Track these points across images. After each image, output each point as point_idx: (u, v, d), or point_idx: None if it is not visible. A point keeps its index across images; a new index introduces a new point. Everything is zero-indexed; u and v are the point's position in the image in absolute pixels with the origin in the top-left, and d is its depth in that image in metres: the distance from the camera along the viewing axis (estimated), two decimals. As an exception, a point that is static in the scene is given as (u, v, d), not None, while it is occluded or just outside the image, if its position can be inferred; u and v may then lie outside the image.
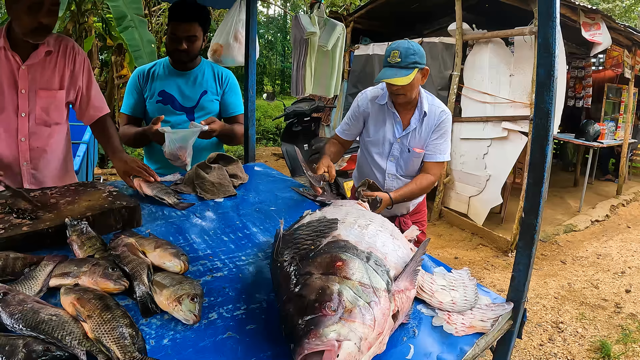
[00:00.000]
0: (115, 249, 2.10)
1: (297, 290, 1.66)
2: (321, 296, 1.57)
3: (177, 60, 4.06)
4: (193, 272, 2.18)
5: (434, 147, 3.87)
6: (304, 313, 1.53)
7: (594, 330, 5.78)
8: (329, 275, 1.68)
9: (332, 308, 1.53)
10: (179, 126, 4.05)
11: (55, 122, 3.34)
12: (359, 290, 1.63)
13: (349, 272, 1.70)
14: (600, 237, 9.31)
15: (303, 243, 1.98)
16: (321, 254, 1.83)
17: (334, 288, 1.61)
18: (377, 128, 3.99)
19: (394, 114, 3.89)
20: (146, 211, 2.94)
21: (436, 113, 3.84)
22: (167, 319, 1.79)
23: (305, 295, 1.60)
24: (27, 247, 2.18)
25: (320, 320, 1.49)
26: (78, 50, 3.35)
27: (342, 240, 1.94)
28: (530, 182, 2.11)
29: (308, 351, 1.42)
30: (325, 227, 2.07)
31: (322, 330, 1.46)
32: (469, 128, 9.14)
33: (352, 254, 1.82)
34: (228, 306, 1.92)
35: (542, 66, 1.99)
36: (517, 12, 8.63)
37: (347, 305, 1.55)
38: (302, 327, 1.49)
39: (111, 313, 1.61)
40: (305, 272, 1.74)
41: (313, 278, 1.68)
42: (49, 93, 3.22)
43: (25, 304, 1.63)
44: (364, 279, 1.69)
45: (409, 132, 3.86)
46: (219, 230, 2.75)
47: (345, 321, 1.51)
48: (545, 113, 1.99)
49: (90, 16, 12.71)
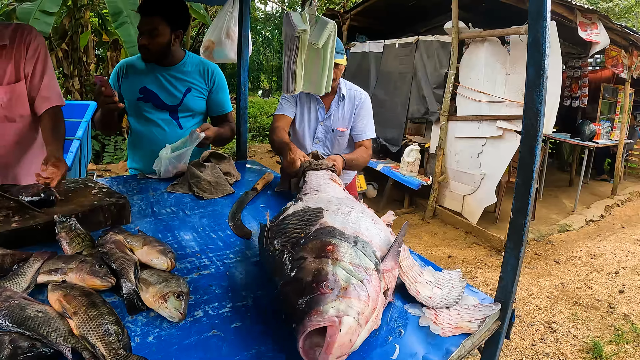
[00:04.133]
0: (103, 245, 2.09)
1: (293, 274, 1.73)
2: (317, 277, 1.65)
3: (143, 57, 3.92)
4: (180, 270, 2.19)
5: (362, 126, 4.38)
6: (302, 294, 1.60)
7: (587, 331, 5.79)
8: (322, 258, 1.76)
9: (329, 287, 1.60)
10: (161, 123, 4.03)
11: (20, 115, 3.29)
12: (351, 270, 1.72)
13: (340, 254, 1.78)
14: (595, 237, 9.33)
15: (292, 231, 2.04)
16: (312, 239, 1.91)
17: (329, 269, 1.68)
18: (302, 113, 4.39)
19: (317, 100, 4.32)
20: (135, 208, 2.94)
21: (355, 96, 4.36)
22: (153, 316, 1.79)
23: (302, 277, 1.67)
24: (16, 243, 2.18)
25: (320, 298, 1.56)
26: (34, 36, 3.26)
27: (329, 227, 2.02)
28: (519, 182, 2.10)
29: (311, 328, 1.47)
30: (311, 216, 2.13)
31: (323, 308, 1.52)
32: (464, 126, 9.17)
33: (341, 238, 1.91)
34: (214, 304, 1.92)
35: (532, 65, 1.98)
36: (514, 11, 8.62)
37: (342, 284, 1.63)
38: (303, 306, 1.55)
39: (97, 310, 1.60)
40: (299, 257, 1.81)
41: (307, 262, 1.76)
42: (7, 88, 3.17)
43: (12, 300, 1.62)
44: (355, 260, 1.78)
45: (330, 114, 4.34)
46: (208, 228, 2.75)
47: (343, 298, 1.58)
48: (535, 113, 1.98)
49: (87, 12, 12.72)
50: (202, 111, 4.18)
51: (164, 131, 4.04)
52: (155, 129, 4.03)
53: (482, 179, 8.85)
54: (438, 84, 9.54)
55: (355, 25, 12.36)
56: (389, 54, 10.98)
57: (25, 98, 3.29)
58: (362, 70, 11.44)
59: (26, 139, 3.39)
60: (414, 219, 9.95)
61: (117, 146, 12.58)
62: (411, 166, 9.86)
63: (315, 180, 3.01)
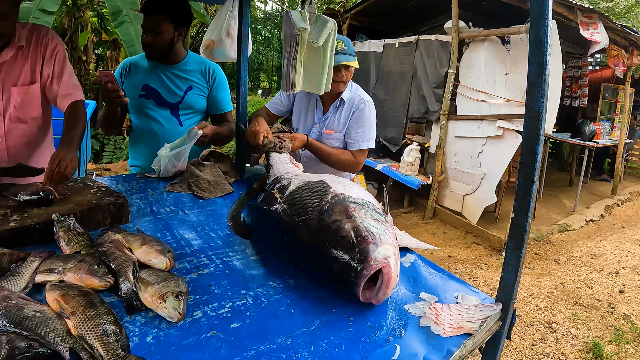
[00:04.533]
0: (101, 245, 2.08)
1: (337, 234, 2.05)
2: (358, 232, 2.01)
3: (147, 55, 3.98)
4: (179, 270, 2.17)
5: (356, 135, 4.03)
6: (353, 247, 1.96)
7: (587, 331, 5.78)
8: (352, 218, 2.10)
9: (371, 238, 1.97)
10: (162, 120, 4.05)
11: (32, 116, 3.29)
12: (376, 223, 2.10)
13: (362, 213, 2.14)
14: (595, 237, 9.32)
15: (311, 202, 2.31)
16: (335, 205, 2.21)
17: (363, 225, 2.05)
18: (299, 113, 4.21)
19: (317, 100, 4.09)
20: (134, 207, 2.93)
21: (355, 101, 4.02)
22: (151, 316, 1.78)
23: (347, 235, 2.01)
24: (14, 242, 2.17)
25: (369, 248, 1.93)
26: (51, 37, 3.26)
27: (340, 194, 2.31)
28: (520, 181, 2.10)
29: (374, 270, 1.87)
30: (321, 188, 2.39)
31: (374, 254, 1.90)
32: (464, 126, 9.15)
33: (355, 201, 2.25)
34: (213, 304, 1.91)
35: (534, 64, 1.97)
36: (514, 11, 8.62)
37: (376, 234, 2.00)
38: (358, 256, 1.92)
39: (95, 310, 1.59)
40: (333, 220, 2.11)
41: (343, 223, 2.08)
42: (21, 89, 3.17)
43: (10, 300, 1.61)
44: (374, 215, 2.17)
45: (327, 117, 4.06)
46: (208, 227, 2.74)
47: (381, 245, 1.96)
48: (536, 112, 1.97)
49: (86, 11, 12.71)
50: (203, 109, 4.22)
51: (165, 128, 4.07)
52: (156, 126, 4.06)
53: (482, 178, 8.84)
54: (438, 83, 9.52)
55: (355, 25, 12.33)
56: (389, 53, 10.95)
57: (39, 100, 3.29)
58: (362, 70, 11.40)
59: (36, 140, 3.39)
60: (414, 218, 9.95)
61: (116, 146, 12.57)
62: (411, 166, 9.85)
63: (282, 166, 3.21)
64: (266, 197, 2.66)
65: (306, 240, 2.22)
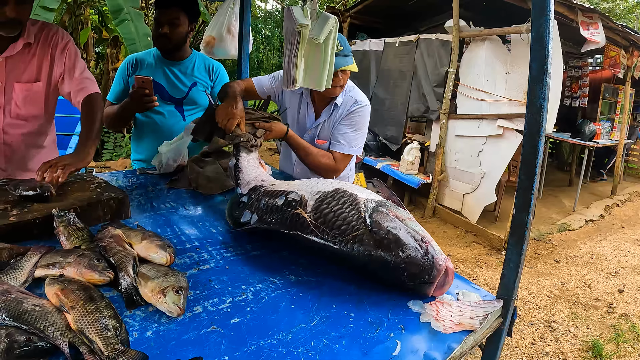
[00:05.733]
0: (101, 240, 2.07)
1: (399, 244, 2.01)
2: (416, 236, 2.04)
3: (161, 47, 4.02)
4: (180, 265, 2.17)
5: (340, 136, 3.72)
6: (418, 252, 1.99)
7: (586, 330, 5.78)
8: (400, 223, 2.10)
9: (425, 239, 2.05)
10: (166, 114, 4.09)
11: (33, 115, 3.27)
12: (413, 222, 2.16)
13: (400, 214, 2.17)
14: (594, 237, 9.33)
15: (349, 215, 2.17)
16: (374, 213, 2.14)
17: (411, 228, 2.08)
18: (291, 116, 3.93)
19: (308, 105, 3.83)
20: (135, 203, 2.93)
21: (349, 104, 3.74)
22: (151, 311, 1.77)
23: (408, 242, 2.01)
24: (14, 237, 2.16)
25: (429, 248, 2.00)
26: (61, 36, 3.24)
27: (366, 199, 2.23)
28: (522, 178, 2.11)
29: (444, 269, 1.97)
30: (348, 197, 2.25)
31: (437, 254, 1.99)
32: (464, 125, 9.14)
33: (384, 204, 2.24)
34: (213, 299, 1.91)
35: (536, 60, 1.97)
36: (514, 10, 8.62)
37: (423, 232, 2.09)
38: (426, 260, 1.98)
39: (95, 304, 1.59)
40: (387, 230, 2.06)
41: (398, 229, 2.06)
42: (24, 86, 3.14)
43: (9, 294, 1.61)
44: (406, 214, 2.22)
45: (319, 123, 3.80)
46: (208, 223, 2.74)
47: (432, 241, 2.06)
48: (538, 108, 1.97)
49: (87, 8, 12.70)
50: (206, 105, 4.15)
51: (169, 122, 4.11)
52: (160, 120, 4.09)
53: (482, 177, 8.83)
54: (438, 82, 9.50)
55: (356, 24, 12.32)
56: (389, 52, 10.94)
57: (42, 99, 3.27)
58: (362, 69, 11.38)
59: (36, 139, 3.37)
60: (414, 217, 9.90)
61: (116, 143, 12.57)
62: (411, 165, 9.84)
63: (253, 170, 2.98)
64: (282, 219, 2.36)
65: (362, 256, 2.08)
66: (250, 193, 2.70)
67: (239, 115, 3.12)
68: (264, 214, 2.46)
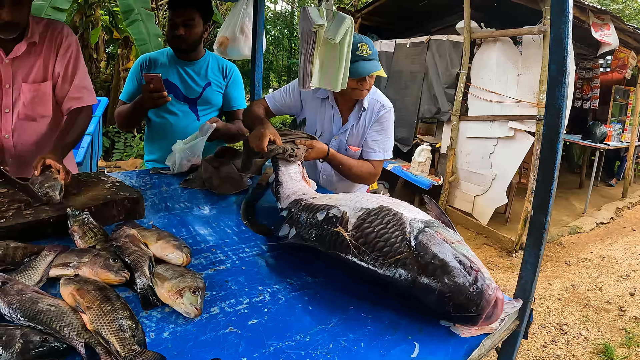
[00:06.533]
0: (116, 240, 2.07)
1: (446, 271, 1.82)
2: (465, 262, 1.85)
3: (176, 48, 4.01)
4: (195, 265, 2.16)
5: (374, 143, 3.69)
6: (466, 280, 1.79)
7: (598, 333, 5.76)
8: (447, 246, 1.90)
9: (475, 265, 1.85)
10: (180, 114, 4.08)
11: (41, 115, 3.26)
12: (462, 245, 1.95)
13: (449, 237, 1.96)
14: (605, 240, 9.30)
15: (393, 236, 2.00)
16: (420, 234, 1.96)
17: (460, 251, 1.89)
18: (313, 123, 3.79)
19: (333, 109, 3.70)
20: (149, 203, 2.92)
21: (375, 108, 3.66)
22: (168, 311, 1.77)
23: (455, 269, 1.82)
24: (28, 236, 2.16)
25: (479, 276, 1.80)
26: (66, 34, 3.22)
27: (412, 219, 2.05)
28: (540, 179, 2.09)
29: (494, 299, 1.76)
30: (391, 215, 2.09)
31: (487, 282, 1.79)
32: (475, 127, 9.12)
33: (432, 223, 2.05)
34: (230, 300, 1.90)
35: (554, 62, 1.96)
36: (523, 11, 8.60)
37: (473, 257, 1.89)
38: (474, 289, 1.76)
39: (111, 305, 1.58)
40: (433, 255, 1.86)
41: (445, 254, 1.86)
42: (32, 86, 3.13)
43: (24, 294, 1.61)
44: (456, 236, 2.02)
45: (347, 128, 3.69)
46: (223, 223, 2.73)
47: (483, 267, 1.87)
48: (557, 109, 1.96)
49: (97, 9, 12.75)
50: (220, 105, 4.25)
51: (183, 122, 4.10)
52: (174, 120, 4.09)
53: (493, 179, 8.81)
54: (450, 83, 9.49)
55: (366, 25, 12.29)
56: (400, 53, 10.92)
57: (49, 98, 3.26)
58: (372, 70, 11.36)
59: (44, 139, 3.33)
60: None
61: (126, 143, 12.60)
62: (422, 166, 9.81)
63: (294, 184, 2.88)
64: (321, 236, 2.22)
65: (404, 282, 1.90)
66: (291, 207, 2.59)
67: (269, 133, 3.02)
68: (302, 229, 2.35)
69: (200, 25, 3.94)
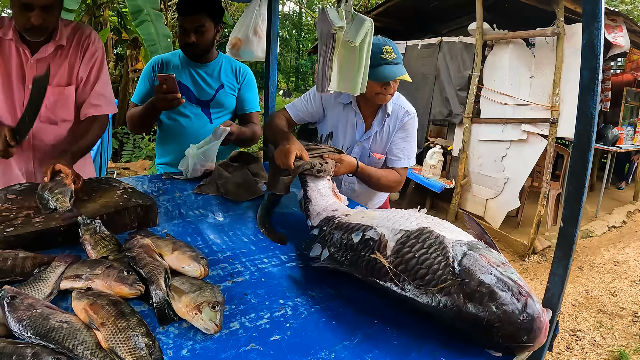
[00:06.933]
0: (130, 250, 2.00)
1: (494, 299, 1.69)
2: (511, 288, 1.69)
3: (189, 54, 3.97)
4: (212, 277, 2.10)
5: (399, 151, 3.62)
6: (516, 308, 1.63)
7: (612, 339, 5.73)
8: (495, 269, 1.76)
9: (524, 291, 1.67)
10: (193, 117, 4.03)
11: (63, 119, 3.23)
12: (508, 268, 1.79)
13: (493, 260, 1.82)
14: (617, 244, 9.24)
15: (435, 262, 1.87)
16: (464, 258, 1.83)
17: (511, 277, 1.72)
18: (335, 129, 3.71)
19: (356, 115, 3.60)
20: (162, 210, 2.87)
21: (400, 114, 3.58)
22: (185, 327, 1.70)
23: (504, 297, 1.67)
24: (37, 245, 2.10)
25: (532, 301, 1.65)
26: (93, 40, 3.20)
27: (454, 241, 1.94)
28: (570, 189, 2.03)
29: (545, 327, 1.63)
30: (433, 239, 1.96)
31: (538, 310, 1.63)
32: (487, 129, 9.09)
33: (475, 246, 1.93)
34: (250, 315, 1.83)
35: (587, 68, 1.90)
36: (536, 13, 8.55)
37: (520, 281, 1.71)
38: (524, 317, 1.61)
39: (126, 321, 1.52)
40: (478, 282, 1.74)
41: (492, 280, 1.72)
42: (56, 90, 3.11)
43: (35, 309, 1.54)
44: (500, 258, 1.88)
45: (370, 135, 3.60)
46: (239, 231, 2.67)
47: (532, 293, 1.69)
48: (589, 118, 1.90)
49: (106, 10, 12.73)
50: (233, 108, 4.20)
51: (195, 125, 4.04)
52: (187, 123, 4.04)
53: (506, 183, 8.78)
54: (462, 85, 9.49)
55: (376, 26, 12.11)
56: (411, 55, 10.87)
57: (72, 103, 3.24)
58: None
59: (64, 143, 3.28)
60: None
61: (135, 144, 12.59)
62: (434, 169, 9.79)
63: (324, 200, 2.75)
64: (357, 260, 2.07)
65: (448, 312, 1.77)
66: (323, 225, 2.45)
67: (294, 149, 2.90)
68: (336, 251, 2.21)
69: (212, 30, 3.89)
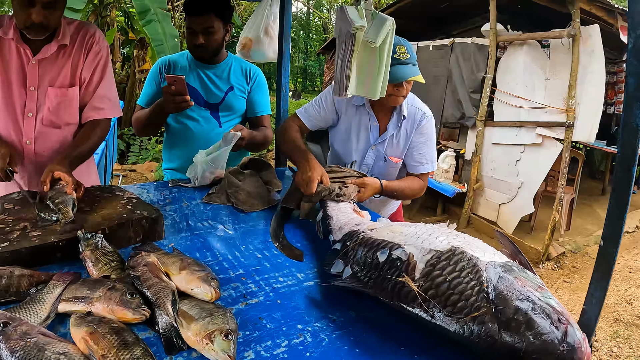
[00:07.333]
0: (134, 268, 1.85)
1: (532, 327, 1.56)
2: (554, 315, 1.57)
3: (198, 56, 3.85)
4: (224, 298, 1.94)
5: (421, 156, 3.53)
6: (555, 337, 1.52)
7: (629, 350, 5.63)
8: (529, 297, 1.63)
9: (563, 317, 1.56)
10: (201, 121, 3.91)
11: (66, 122, 3.09)
12: (545, 292, 1.67)
13: (529, 284, 1.68)
14: (631, 250, 9.13)
15: (468, 288, 1.72)
16: (499, 282, 1.69)
17: (548, 303, 1.61)
18: (349, 132, 3.62)
19: (370, 117, 3.51)
20: (169, 221, 2.72)
21: (416, 116, 3.48)
22: (195, 357, 1.56)
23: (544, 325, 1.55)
24: (34, 261, 1.98)
25: (573, 329, 1.54)
26: (97, 39, 3.07)
27: (488, 262, 1.80)
28: (612, 204, 1.89)
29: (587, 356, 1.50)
30: (465, 261, 1.80)
31: (579, 338, 1.52)
32: (501, 133, 9.01)
33: (511, 268, 1.78)
34: (266, 342, 1.68)
35: (633, 75, 1.76)
36: (550, 14, 8.47)
37: (559, 307, 1.60)
38: (566, 346, 1.50)
39: (130, 352, 1.39)
40: (514, 309, 1.60)
41: (529, 307, 1.59)
42: (59, 91, 2.97)
43: (29, 338, 1.40)
44: (536, 280, 1.73)
45: (385, 138, 3.51)
46: (251, 245, 2.51)
47: (571, 318, 1.58)
48: (634, 129, 1.77)
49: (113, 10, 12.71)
50: (243, 111, 4.08)
51: (204, 129, 3.92)
52: (195, 127, 3.92)
53: (520, 187, 8.69)
54: (475, 87, 9.42)
55: (387, 27, 12.18)
56: (422, 56, 10.75)
57: (76, 105, 3.11)
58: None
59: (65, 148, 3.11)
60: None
61: (142, 146, 12.54)
62: (446, 173, 9.70)
63: (344, 216, 2.64)
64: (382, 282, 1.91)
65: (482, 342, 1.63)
66: (346, 239, 2.30)
67: (316, 175, 2.87)
68: (359, 270, 2.05)
69: (221, 31, 3.76)
